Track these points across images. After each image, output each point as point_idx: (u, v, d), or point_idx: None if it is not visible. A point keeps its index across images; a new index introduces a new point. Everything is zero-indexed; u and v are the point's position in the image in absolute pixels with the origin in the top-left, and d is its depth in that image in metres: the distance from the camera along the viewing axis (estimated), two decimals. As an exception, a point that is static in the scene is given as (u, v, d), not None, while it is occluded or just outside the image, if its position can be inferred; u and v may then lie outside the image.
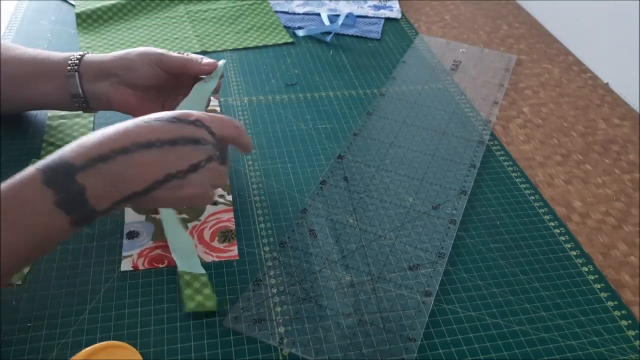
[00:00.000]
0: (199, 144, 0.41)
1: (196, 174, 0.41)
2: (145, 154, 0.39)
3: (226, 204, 0.54)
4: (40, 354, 0.41)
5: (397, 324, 0.44)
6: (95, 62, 0.55)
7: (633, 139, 0.68)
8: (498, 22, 0.93)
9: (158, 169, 0.39)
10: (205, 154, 0.42)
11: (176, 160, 0.40)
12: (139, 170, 0.39)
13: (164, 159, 0.39)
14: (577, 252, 0.52)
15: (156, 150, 0.39)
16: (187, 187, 0.41)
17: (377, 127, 0.66)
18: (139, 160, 0.38)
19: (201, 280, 0.46)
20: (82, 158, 0.37)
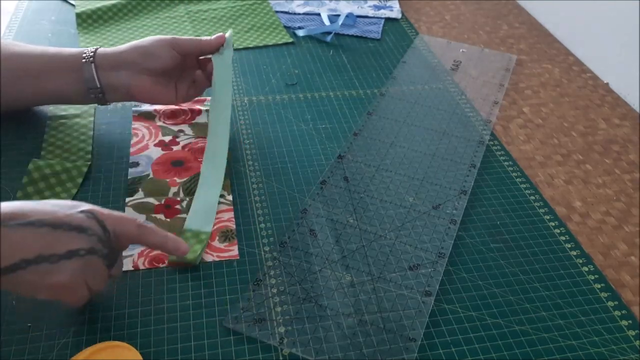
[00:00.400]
0: (83, 232, 0.38)
1: (70, 262, 0.37)
2: (21, 231, 0.36)
3: (226, 204, 0.54)
4: (40, 354, 0.41)
5: (397, 324, 0.44)
6: (111, 54, 0.56)
7: (633, 139, 0.68)
8: (498, 22, 0.93)
9: (30, 248, 0.36)
10: (88, 243, 0.38)
11: (54, 243, 0.37)
12: (9, 244, 0.35)
13: (40, 239, 0.36)
14: (577, 252, 0.52)
15: (34, 228, 0.36)
16: (56, 274, 0.37)
17: (377, 127, 0.66)
18: (11, 236, 0.35)
19: (200, 238, 0.49)
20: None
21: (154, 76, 0.57)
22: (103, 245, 0.39)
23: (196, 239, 0.49)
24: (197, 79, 0.62)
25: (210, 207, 0.52)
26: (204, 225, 0.51)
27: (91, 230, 0.38)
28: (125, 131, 0.62)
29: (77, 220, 0.38)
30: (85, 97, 0.57)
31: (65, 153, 0.58)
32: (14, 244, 0.35)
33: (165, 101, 0.60)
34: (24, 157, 0.57)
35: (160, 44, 0.56)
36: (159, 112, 0.65)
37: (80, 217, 0.38)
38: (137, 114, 0.64)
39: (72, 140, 0.60)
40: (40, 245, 0.36)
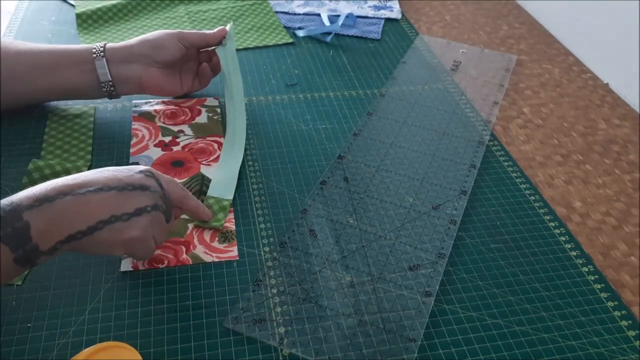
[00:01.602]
0: (147, 190, 0.42)
1: (140, 218, 0.41)
2: (92, 196, 0.39)
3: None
4: (40, 354, 0.41)
5: (397, 324, 0.44)
6: (121, 48, 0.59)
7: (633, 139, 0.68)
8: (498, 22, 0.93)
9: (104, 210, 0.39)
10: (152, 200, 0.42)
11: (123, 203, 0.40)
12: (84, 209, 0.39)
13: (111, 201, 0.40)
14: (577, 252, 0.52)
15: (104, 193, 0.40)
16: (129, 229, 0.40)
17: (377, 127, 0.66)
18: (85, 200, 0.39)
19: (222, 204, 0.53)
20: (30, 199, 0.38)
21: (162, 68, 0.60)
22: (163, 201, 0.43)
23: (219, 205, 0.53)
24: (203, 71, 0.66)
25: (232, 176, 0.56)
26: (226, 193, 0.54)
27: (153, 188, 0.42)
28: (125, 131, 0.62)
29: (138, 180, 0.42)
30: (97, 91, 0.59)
31: (65, 153, 0.58)
32: (89, 208, 0.39)
33: (173, 92, 0.64)
34: (24, 157, 0.57)
35: (168, 37, 0.59)
36: (159, 113, 0.65)
37: (141, 177, 0.42)
38: (137, 114, 0.64)
39: (72, 140, 0.60)
40: (112, 207, 0.40)
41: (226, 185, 0.55)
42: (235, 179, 0.56)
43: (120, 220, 0.40)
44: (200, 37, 0.61)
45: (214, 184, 0.55)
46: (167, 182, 0.45)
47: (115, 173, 0.42)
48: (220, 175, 0.56)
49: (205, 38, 0.61)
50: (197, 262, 0.48)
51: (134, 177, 0.42)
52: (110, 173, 0.42)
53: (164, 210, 0.43)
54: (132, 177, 0.42)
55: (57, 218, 0.38)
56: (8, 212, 0.36)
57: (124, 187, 0.41)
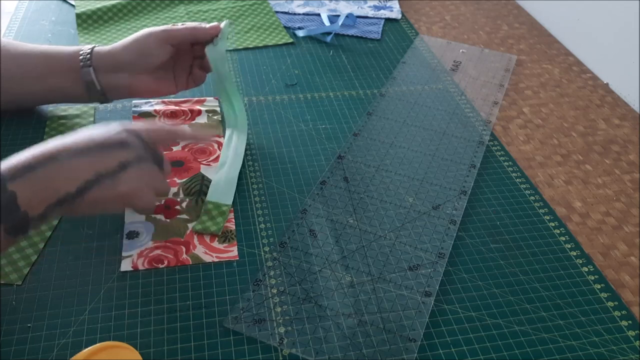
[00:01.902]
0: (125, 145, 0.43)
1: (126, 173, 0.42)
2: (74, 159, 0.40)
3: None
4: (40, 354, 0.41)
5: (397, 324, 0.44)
6: (107, 55, 0.56)
7: (633, 139, 0.68)
8: (498, 22, 0.93)
9: (88, 170, 0.41)
10: (133, 153, 0.43)
11: (105, 160, 0.42)
12: (69, 172, 0.40)
13: (93, 161, 0.41)
14: (577, 252, 0.52)
15: (84, 154, 0.41)
16: (118, 185, 0.42)
17: (377, 127, 0.66)
18: (67, 164, 0.40)
19: (221, 209, 0.52)
20: (12, 169, 0.38)
21: (152, 73, 0.57)
22: (146, 151, 0.44)
23: (218, 210, 0.52)
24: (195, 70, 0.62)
25: (230, 181, 0.55)
26: (225, 198, 0.54)
27: (132, 143, 0.44)
28: (125, 131, 0.62)
29: (116, 138, 0.43)
30: (87, 97, 0.58)
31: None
32: (74, 170, 0.40)
33: (167, 93, 0.61)
34: (24, 157, 0.57)
35: (153, 40, 0.55)
36: (159, 113, 0.65)
37: (118, 135, 0.43)
38: (137, 114, 0.64)
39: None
40: (95, 166, 0.41)
41: (225, 189, 0.54)
42: (235, 184, 0.55)
43: (106, 178, 0.41)
44: (188, 32, 0.57)
45: (212, 189, 0.54)
46: (147, 131, 0.46)
47: (92, 136, 0.43)
48: (219, 179, 0.56)
49: (194, 34, 0.57)
50: (197, 262, 0.48)
51: (112, 136, 0.43)
52: (86, 135, 0.43)
53: (150, 159, 0.45)
54: (110, 137, 0.43)
55: (43, 184, 0.39)
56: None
57: (103, 146, 0.42)
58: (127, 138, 0.43)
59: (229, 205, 0.53)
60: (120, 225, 0.51)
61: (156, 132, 0.47)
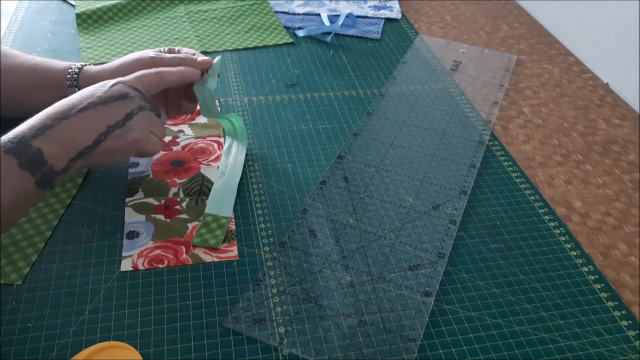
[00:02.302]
0: (126, 97, 0.47)
1: (133, 121, 0.47)
2: (84, 115, 0.45)
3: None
4: (40, 354, 0.41)
5: (397, 324, 0.44)
6: (94, 77, 0.55)
7: (633, 139, 0.68)
8: (498, 22, 0.93)
9: (99, 123, 0.46)
10: (135, 104, 0.48)
11: (111, 113, 0.46)
12: (82, 127, 0.45)
13: (101, 114, 0.46)
14: (577, 252, 0.52)
15: (91, 110, 0.45)
16: (129, 133, 0.47)
17: (377, 127, 0.66)
18: (79, 119, 0.45)
19: (220, 222, 0.51)
20: (31, 129, 0.43)
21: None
22: (145, 101, 0.49)
23: (217, 223, 0.51)
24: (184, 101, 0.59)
25: (229, 193, 0.55)
26: (224, 210, 0.53)
27: (131, 94, 0.48)
28: (125, 131, 0.62)
29: (117, 91, 0.48)
30: None
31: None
32: (86, 125, 0.45)
33: None
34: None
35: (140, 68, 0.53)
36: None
37: (116, 89, 0.48)
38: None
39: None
40: (105, 119, 0.46)
41: (225, 200, 0.53)
42: (234, 194, 0.54)
43: (117, 128, 0.46)
44: (177, 77, 0.53)
45: (212, 200, 0.53)
46: (140, 82, 0.50)
47: (93, 92, 0.47)
48: (218, 189, 0.55)
49: (183, 77, 0.54)
50: (197, 262, 0.48)
51: (111, 90, 0.47)
52: (88, 92, 0.47)
53: (150, 108, 0.49)
54: (110, 91, 0.47)
55: (63, 139, 0.44)
56: (16, 144, 0.42)
57: (107, 100, 0.46)
58: (126, 90, 0.48)
59: (228, 218, 0.52)
60: (120, 225, 0.51)
61: (146, 77, 0.51)
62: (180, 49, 0.58)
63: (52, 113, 0.45)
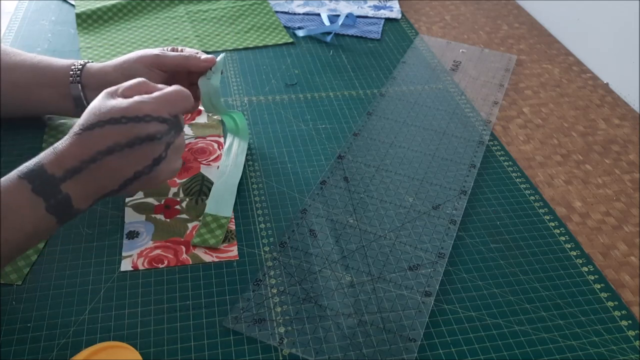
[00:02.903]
0: (154, 139, 0.44)
1: (161, 166, 0.45)
2: (110, 159, 0.42)
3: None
4: (40, 354, 0.41)
5: (397, 324, 0.44)
6: (97, 73, 0.55)
7: (633, 139, 0.68)
8: (498, 22, 0.93)
9: (126, 170, 0.43)
10: (162, 146, 0.44)
11: (139, 159, 0.44)
12: (109, 174, 0.43)
13: (128, 160, 0.43)
14: (577, 252, 0.52)
15: (118, 154, 0.42)
16: (155, 177, 0.45)
17: (377, 127, 0.66)
18: (106, 165, 0.42)
19: (220, 222, 0.51)
20: (61, 170, 0.41)
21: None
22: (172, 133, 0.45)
23: (217, 223, 0.51)
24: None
25: (229, 193, 0.54)
26: (224, 210, 0.52)
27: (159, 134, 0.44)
28: (125, 131, 0.62)
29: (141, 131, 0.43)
30: (74, 112, 0.57)
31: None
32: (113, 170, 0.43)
33: None
34: (24, 156, 0.57)
35: (142, 65, 0.54)
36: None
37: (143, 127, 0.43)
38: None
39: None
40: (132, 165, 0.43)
41: (225, 200, 0.53)
42: (234, 194, 0.54)
43: (144, 174, 0.44)
44: (180, 61, 0.55)
45: (212, 199, 0.53)
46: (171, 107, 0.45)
47: (118, 127, 0.42)
48: (218, 189, 0.55)
49: (185, 63, 0.55)
50: (197, 262, 0.48)
51: (136, 128, 0.43)
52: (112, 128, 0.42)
53: (175, 134, 0.46)
54: (135, 129, 0.43)
55: (90, 185, 0.42)
56: (46, 184, 0.40)
57: (132, 142, 0.43)
58: (153, 131, 0.43)
59: (228, 218, 0.52)
60: (120, 225, 0.51)
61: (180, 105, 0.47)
62: (183, 49, 0.58)
63: (75, 151, 0.42)
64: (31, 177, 0.40)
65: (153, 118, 0.44)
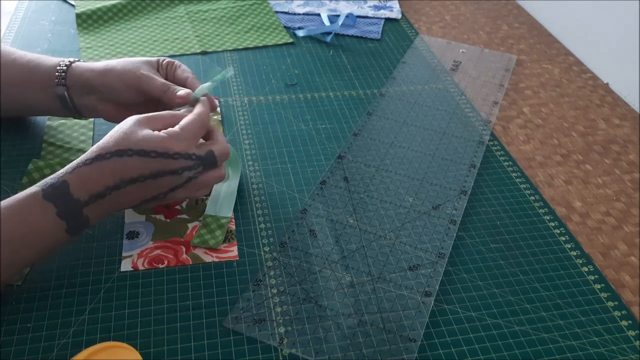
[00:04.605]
0: (176, 173, 0.45)
1: (176, 193, 0.46)
2: (132, 187, 0.44)
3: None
4: (40, 354, 0.41)
5: (397, 324, 0.44)
6: (81, 77, 0.54)
7: (633, 139, 0.68)
8: (498, 22, 0.93)
9: (144, 195, 0.45)
10: (183, 179, 0.46)
11: (159, 187, 0.45)
12: (127, 198, 0.45)
13: (148, 188, 0.45)
14: (577, 252, 0.52)
15: (141, 183, 0.44)
16: (172, 198, 0.47)
17: (377, 127, 0.66)
18: (127, 192, 0.44)
19: (219, 222, 0.51)
20: (86, 194, 0.43)
21: (120, 105, 0.55)
22: (197, 169, 0.47)
23: (217, 223, 0.51)
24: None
25: (229, 194, 0.54)
26: (224, 211, 0.53)
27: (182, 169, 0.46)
28: (125, 131, 0.62)
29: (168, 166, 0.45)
30: (63, 112, 0.57)
31: (65, 153, 0.58)
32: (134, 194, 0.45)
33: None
34: (24, 157, 0.57)
35: (123, 80, 0.53)
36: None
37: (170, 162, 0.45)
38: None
39: (72, 140, 0.60)
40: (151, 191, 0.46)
41: (224, 202, 0.53)
42: (234, 196, 0.54)
43: (160, 198, 0.46)
44: (158, 93, 0.52)
45: (212, 202, 0.53)
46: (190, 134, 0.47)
47: (147, 161, 0.44)
48: (218, 192, 0.54)
49: (162, 96, 0.52)
50: (197, 262, 0.48)
51: (164, 163, 0.44)
52: (141, 161, 0.44)
53: (201, 172, 0.47)
54: (163, 164, 0.44)
55: (108, 207, 0.45)
56: (70, 207, 0.42)
57: (157, 174, 0.44)
58: (179, 166, 0.45)
59: (228, 218, 0.52)
60: (120, 225, 0.51)
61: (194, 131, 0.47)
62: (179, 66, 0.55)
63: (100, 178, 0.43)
64: (57, 200, 0.42)
65: (181, 156, 0.45)
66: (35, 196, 0.41)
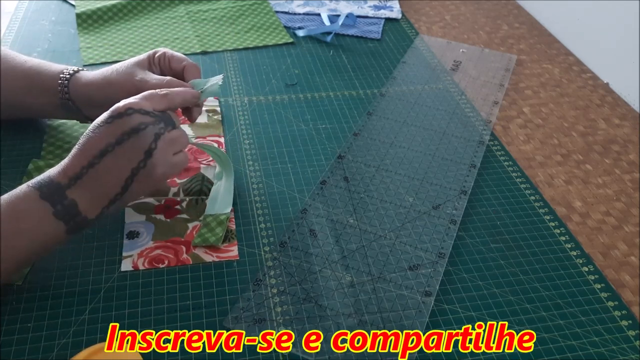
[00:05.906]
0: (139, 131, 0.44)
1: (154, 158, 0.45)
2: (106, 161, 0.44)
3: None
4: (40, 354, 0.41)
5: (397, 324, 0.44)
6: (83, 87, 0.54)
7: (633, 139, 0.68)
8: (498, 22, 0.93)
9: (122, 168, 0.44)
10: (150, 136, 0.44)
11: (131, 155, 0.44)
12: (108, 176, 0.44)
13: (120, 157, 0.44)
14: (577, 252, 0.52)
15: (110, 154, 0.44)
16: (153, 170, 0.45)
17: (377, 127, 0.66)
18: (103, 167, 0.43)
19: (219, 219, 0.51)
20: (65, 177, 0.43)
21: None
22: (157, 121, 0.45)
23: (217, 221, 0.51)
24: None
25: (226, 192, 0.54)
26: (223, 208, 0.52)
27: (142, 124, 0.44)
28: (125, 131, 0.62)
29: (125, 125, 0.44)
30: (67, 116, 0.58)
31: (65, 153, 0.57)
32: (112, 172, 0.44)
33: None
34: (24, 157, 0.57)
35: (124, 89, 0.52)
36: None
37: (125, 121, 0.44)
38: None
39: (72, 140, 0.60)
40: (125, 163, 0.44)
41: (223, 200, 0.53)
42: (232, 191, 0.54)
43: (140, 169, 0.44)
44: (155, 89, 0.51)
45: (210, 202, 0.53)
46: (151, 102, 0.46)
47: (105, 127, 0.44)
48: (216, 193, 0.54)
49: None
50: (197, 262, 0.48)
51: (119, 124, 0.44)
52: (101, 130, 0.44)
53: (164, 127, 0.46)
54: (119, 125, 0.44)
55: (93, 190, 0.43)
56: (52, 191, 0.42)
57: (121, 138, 0.44)
58: (135, 123, 0.44)
59: (227, 214, 0.52)
60: (120, 225, 0.51)
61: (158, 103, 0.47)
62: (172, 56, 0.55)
63: (75, 160, 0.44)
64: (39, 185, 0.42)
65: (135, 111, 0.44)
66: (21, 187, 0.43)
